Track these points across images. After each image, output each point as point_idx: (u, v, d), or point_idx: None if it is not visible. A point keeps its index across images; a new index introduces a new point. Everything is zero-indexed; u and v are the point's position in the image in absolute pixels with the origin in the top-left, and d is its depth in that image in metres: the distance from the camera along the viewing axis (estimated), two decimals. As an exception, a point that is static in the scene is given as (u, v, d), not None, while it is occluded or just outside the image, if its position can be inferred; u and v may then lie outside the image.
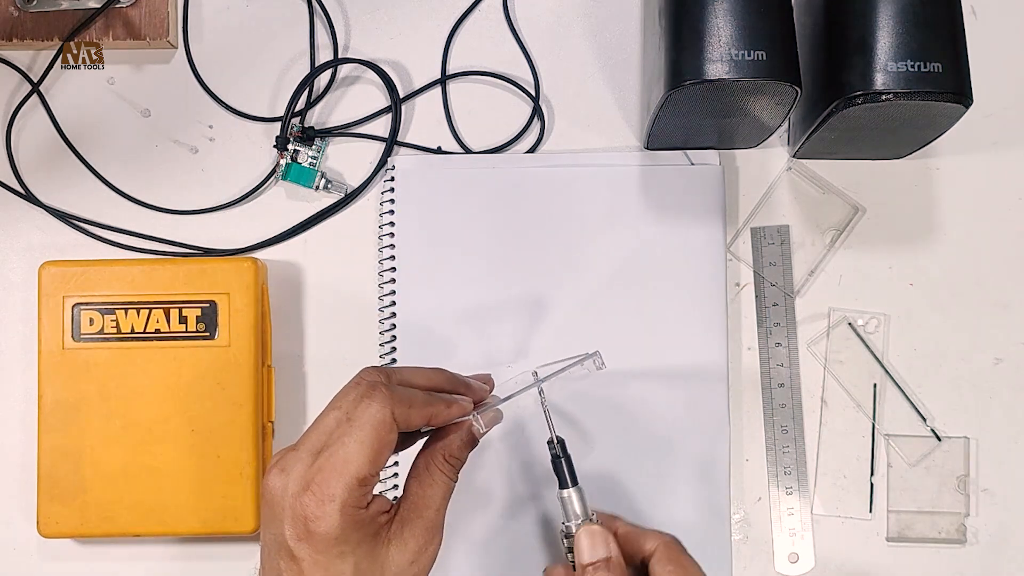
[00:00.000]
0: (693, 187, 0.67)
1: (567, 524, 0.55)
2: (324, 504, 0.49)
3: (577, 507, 0.55)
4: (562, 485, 0.55)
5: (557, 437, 0.56)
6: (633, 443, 0.66)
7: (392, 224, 0.67)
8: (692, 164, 0.67)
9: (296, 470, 0.50)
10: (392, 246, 0.67)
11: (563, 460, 0.55)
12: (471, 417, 0.54)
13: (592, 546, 0.54)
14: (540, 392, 0.56)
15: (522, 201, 0.67)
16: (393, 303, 0.67)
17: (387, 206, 0.68)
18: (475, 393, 0.57)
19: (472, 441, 0.55)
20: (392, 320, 0.67)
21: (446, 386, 0.56)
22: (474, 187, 0.67)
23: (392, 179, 0.68)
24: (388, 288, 0.67)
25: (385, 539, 0.51)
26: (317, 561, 0.49)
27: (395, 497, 0.58)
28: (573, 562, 0.54)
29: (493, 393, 0.59)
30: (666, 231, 0.67)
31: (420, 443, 0.56)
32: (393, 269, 0.67)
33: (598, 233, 0.67)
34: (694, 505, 0.65)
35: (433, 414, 0.53)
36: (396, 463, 0.66)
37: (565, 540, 0.55)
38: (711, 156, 0.68)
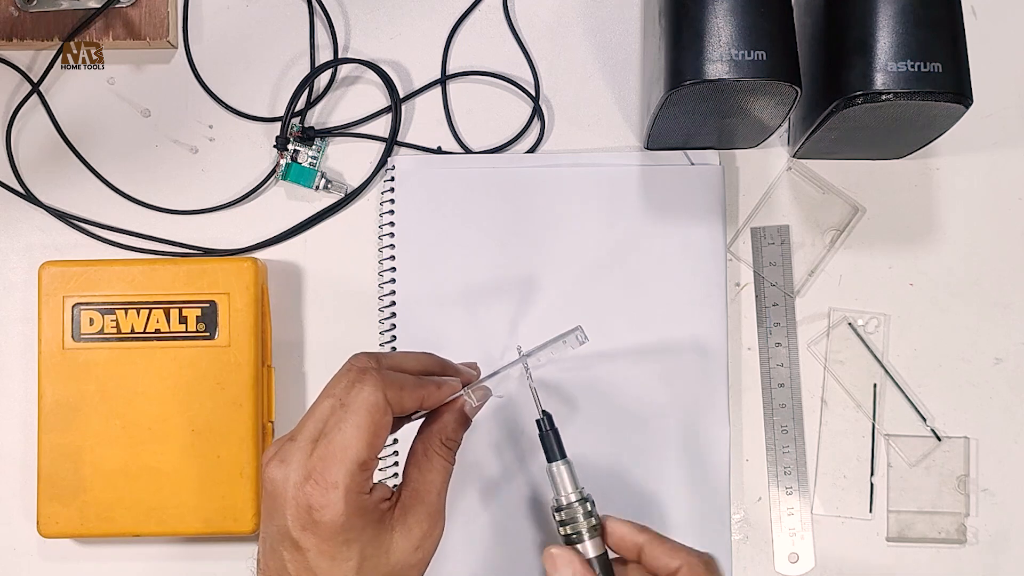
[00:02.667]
0: (693, 187, 0.67)
1: (557, 498, 0.55)
2: (328, 492, 0.49)
3: (567, 480, 0.55)
4: (550, 459, 0.55)
5: (543, 411, 0.56)
6: (633, 443, 0.66)
7: (392, 224, 0.67)
8: (692, 164, 0.67)
9: (296, 459, 0.50)
10: (392, 246, 0.67)
11: (551, 434, 0.55)
12: (463, 393, 0.55)
13: (555, 569, 0.53)
14: (526, 369, 0.57)
15: (522, 201, 0.67)
16: (393, 303, 0.67)
17: (387, 206, 0.68)
18: (464, 376, 0.57)
19: (465, 420, 0.55)
20: (392, 320, 0.67)
21: (435, 369, 0.56)
22: (474, 187, 0.67)
23: (392, 179, 0.68)
24: (388, 288, 0.67)
25: (389, 526, 0.51)
26: (323, 550, 0.49)
27: (395, 484, 0.58)
28: (564, 535, 0.54)
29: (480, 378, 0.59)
30: (666, 231, 0.67)
31: (416, 424, 0.56)
32: (393, 269, 0.67)
33: (598, 233, 0.67)
34: (694, 505, 0.65)
35: (425, 396, 0.53)
36: (396, 452, 0.66)
37: (556, 515, 0.55)
38: (711, 156, 0.68)
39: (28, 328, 0.68)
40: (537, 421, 0.56)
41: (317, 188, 0.69)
